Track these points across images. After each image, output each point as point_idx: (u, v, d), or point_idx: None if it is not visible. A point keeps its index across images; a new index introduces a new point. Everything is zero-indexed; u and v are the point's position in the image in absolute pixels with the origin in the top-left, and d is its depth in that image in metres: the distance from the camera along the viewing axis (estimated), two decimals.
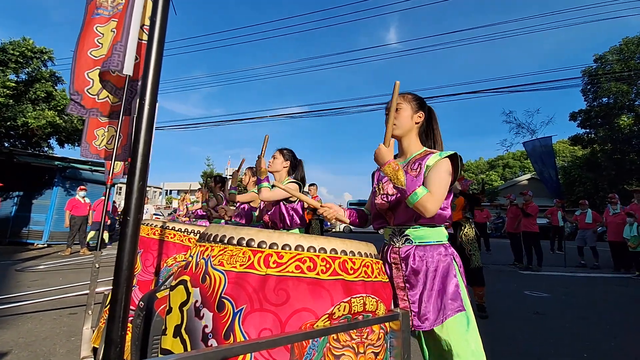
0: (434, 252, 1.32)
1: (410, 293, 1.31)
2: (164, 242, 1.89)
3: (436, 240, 1.35)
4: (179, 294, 0.95)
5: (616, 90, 19.90)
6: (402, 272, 1.34)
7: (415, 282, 1.30)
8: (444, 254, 1.32)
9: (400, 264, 1.36)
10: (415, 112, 1.46)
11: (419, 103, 1.49)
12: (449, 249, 1.35)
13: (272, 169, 2.64)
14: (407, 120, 1.45)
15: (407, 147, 1.49)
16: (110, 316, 0.58)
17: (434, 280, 1.28)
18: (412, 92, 1.53)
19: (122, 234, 0.61)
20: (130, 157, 0.65)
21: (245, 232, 0.95)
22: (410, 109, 1.46)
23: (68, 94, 12.81)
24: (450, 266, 1.31)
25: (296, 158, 2.70)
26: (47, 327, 3.08)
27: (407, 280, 1.32)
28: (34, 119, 11.56)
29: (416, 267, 1.31)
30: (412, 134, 1.48)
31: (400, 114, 1.45)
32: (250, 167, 3.95)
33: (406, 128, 1.46)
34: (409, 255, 1.33)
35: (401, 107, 1.46)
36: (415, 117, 1.46)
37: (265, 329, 0.82)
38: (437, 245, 1.34)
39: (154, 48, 0.68)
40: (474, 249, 3.77)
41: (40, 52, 12.41)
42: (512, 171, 42.09)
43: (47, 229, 9.72)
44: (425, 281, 1.28)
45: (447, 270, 1.29)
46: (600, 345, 2.98)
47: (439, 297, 1.26)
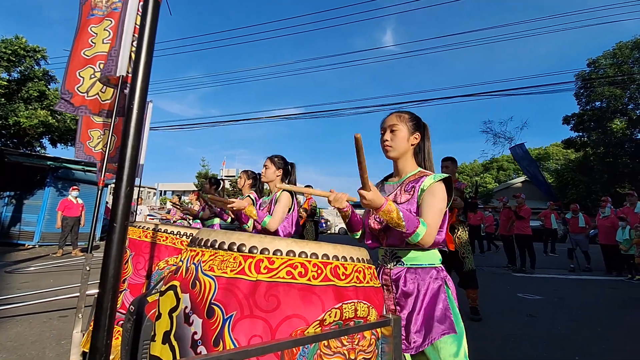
0: (426, 275, 1.31)
1: (400, 315, 1.30)
2: (156, 244, 1.87)
3: (428, 263, 1.34)
4: (168, 299, 0.94)
5: (609, 94, 20.17)
6: (393, 294, 1.34)
7: (405, 304, 1.30)
8: (435, 277, 1.31)
9: (391, 286, 1.35)
10: (412, 133, 1.44)
11: (416, 124, 1.46)
12: (440, 272, 1.34)
13: (266, 179, 2.63)
14: (404, 142, 1.43)
15: (403, 168, 1.47)
16: (96, 324, 0.57)
17: (423, 303, 1.27)
18: (408, 111, 1.49)
19: (108, 240, 0.60)
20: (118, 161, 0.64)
21: (236, 237, 0.94)
22: (407, 130, 1.43)
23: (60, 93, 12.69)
24: (441, 289, 1.29)
25: (287, 163, 2.68)
26: (37, 330, 3.04)
27: (398, 303, 1.32)
28: (26, 118, 11.43)
29: (406, 290, 1.30)
30: (408, 155, 1.46)
31: (397, 136, 1.43)
32: (246, 171, 3.93)
33: (402, 150, 1.44)
34: (400, 277, 1.33)
35: (397, 128, 1.43)
36: (411, 138, 1.44)
37: (256, 335, 0.81)
38: (429, 268, 1.33)
39: (144, 51, 0.67)
40: (467, 252, 3.78)
41: (33, 51, 12.29)
42: (506, 174, 42.40)
43: (39, 230, 9.60)
44: (415, 304, 1.27)
45: (438, 293, 1.28)
46: (592, 348, 3.00)
47: (426, 320, 1.25)
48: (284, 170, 2.64)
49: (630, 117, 20.46)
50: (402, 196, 1.38)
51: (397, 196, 1.40)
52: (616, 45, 20.36)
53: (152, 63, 0.70)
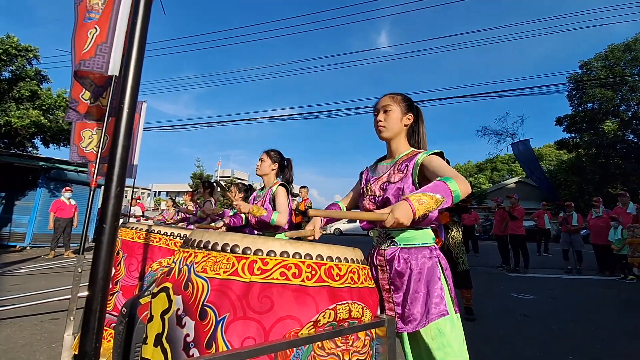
0: (419, 255, 1.31)
1: (394, 295, 1.31)
2: (149, 246, 1.85)
3: (421, 243, 1.34)
4: (160, 301, 0.93)
5: (601, 96, 20.40)
6: (387, 274, 1.34)
7: (400, 284, 1.30)
8: (429, 256, 1.32)
9: (385, 266, 1.35)
10: (405, 113, 1.46)
11: (408, 104, 1.48)
12: (434, 251, 1.34)
13: (261, 172, 2.61)
14: (397, 122, 1.45)
15: (396, 148, 1.48)
16: (85, 327, 0.56)
17: (419, 283, 1.27)
18: (401, 93, 1.51)
19: (97, 241, 0.59)
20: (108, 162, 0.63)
21: (229, 238, 0.93)
22: (400, 110, 1.45)
23: (55, 95, 12.56)
24: (435, 269, 1.30)
25: (284, 158, 2.68)
26: (27, 333, 2.99)
27: (392, 283, 1.32)
28: (17, 118, 11.29)
29: (400, 270, 1.30)
30: (401, 136, 1.48)
31: (390, 116, 1.44)
32: (237, 183, 3.95)
33: (395, 130, 1.45)
34: (394, 257, 1.33)
35: (390, 109, 1.45)
36: (404, 119, 1.46)
37: (249, 337, 0.80)
38: (422, 248, 1.33)
39: (134, 49, 0.66)
40: (461, 252, 3.80)
41: (25, 50, 12.13)
42: (500, 174, 42.72)
43: (30, 231, 9.47)
44: (409, 284, 1.28)
45: (432, 273, 1.29)
46: (586, 347, 3.03)
47: (423, 300, 1.25)
48: (280, 165, 2.63)
49: (622, 118, 20.72)
50: (396, 175, 1.39)
51: (391, 175, 1.41)
52: (608, 47, 20.61)
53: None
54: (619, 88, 20.23)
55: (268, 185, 2.60)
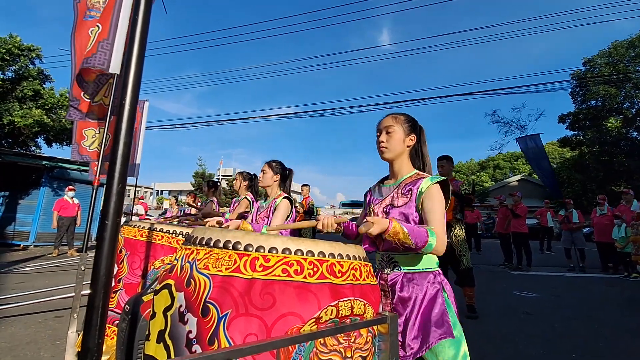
0: (423, 280, 1.31)
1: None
2: (152, 244, 1.86)
3: (425, 268, 1.33)
4: (163, 298, 0.93)
5: (604, 93, 20.24)
6: (390, 299, 1.33)
7: (402, 310, 1.29)
8: (432, 282, 1.31)
9: (387, 291, 1.34)
10: (407, 135, 1.44)
11: (411, 125, 1.46)
12: (437, 277, 1.33)
13: (263, 184, 2.60)
14: (399, 144, 1.43)
15: (399, 169, 1.47)
16: (87, 324, 0.56)
17: (420, 309, 1.26)
18: (404, 113, 1.49)
19: (100, 238, 0.59)
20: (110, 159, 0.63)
21: (231, 235, 0.94)
22: (403, 132, 1.44)
23: (57, 94, 12.61)
24: (438, 293, 1.29)
25: (285, 169, 2.66)
26: (32, 331, 3.02)
27: (394, 309, 1.31)
28: (20, 117, 11.32)
29: (403, 295, 1.30)
30: (404, 157, 1.46)
31: (392, 137, 1.43)
32: (241, 172, 3.93)
33: (397, 151, 1.44)
34: (396, 282, 1.32)
35: (393, 130, 1.43)
36: (407, 140, 1.44)
37: (251, 334, 0.80)
38: (426, 273, 1.32)
39: (136, 46, 0.66)
40: (464, 250, 3.79)
41: (28, 50, 12.15)
42: (502, 172, 42.56)
43: (34, 230, 9.53)
44: (412, 310, 1.27)
45: (434, 298, 1.27)
46: (589, 345, 3.02)
47: (422, 326, 1.24)
48: (282, 176, 2.62)
49: (626, 115, 20.57)
50: (400, 199, 1.38)
51: (395, 199, 1.40)
52: (611, 44, 20.44)
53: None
54: (623, 85, 20.07)
55: (272, 196, 2.59)
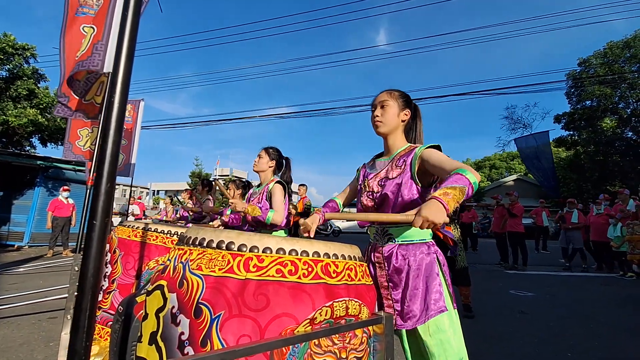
0: (417, 251, 1.31)
1: (393, 292, 1.30)
2: (146, 244, 1.84)
3: (419, 239, 1.34)
4: (155, 299, 0.92)
5: (600, 93, 20.37)
6: (385, 271, 1.34)
7: (398, 281, 1.30)
8: (427, 252, 1.31)
9: (383, 263, 1.35)
10: (402, 109, 1.46)
11: (406, 100, 1.48)
12: (432, 247, 1.34)
13: (257, 168, 2.59)
14: (394, 118, 1.44)
15: (393, 144, 1.48)
16: (74, 325, 0.55)
17: (417, 279, 1.27)
18: (398, 89, 1.51)
19: (88, 238, 0.58)
20: (98, 158, 0.62)
21: (225, 235, 0.92)
22: (397, 106, 1.45)
23: (53, 95, 12.51)
24: (434, 264, 1.29)
25: (282, 157, 2.66)
26: (25, 332, 2.98)
27: (390, 279, 1.32)
28: (15, 117, 11.22)
29: (398, 266, 1.30)
30: (398, 131, 1.48)
31: (387, 111, 1.44)
32: (234, 180, 3.94)
33: (392, 125, 1.45)
34: (392, 254, 1.33)
35: (387, 104, 1.45)
36: (401, 114, 1.46)
37: (244, 335, 0.79)
38: (420, 244, 1.33)
39: (125, 43, 0.65)
40: (460, 250, 3.80)
41: (22, 49, 12.05)
42: (498, 172, 42.73)
43: (29, 230, 9.45)
44: (407, 280, 1.27)
45: (430, 269, 1.28)
46: (584, 344, 3.03)
47: (422, 297, 1.25)
48: (278, 163, 2.61)
49: (621, 115, 20.71)
50: (394, 171, 1.38)
51: (389, 171, 1.40)
52: (607, 44, 20.57)
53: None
54: (618, 85, 20.20)
55: (265, 182, 2.58)
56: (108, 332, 1.76)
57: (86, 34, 2.66)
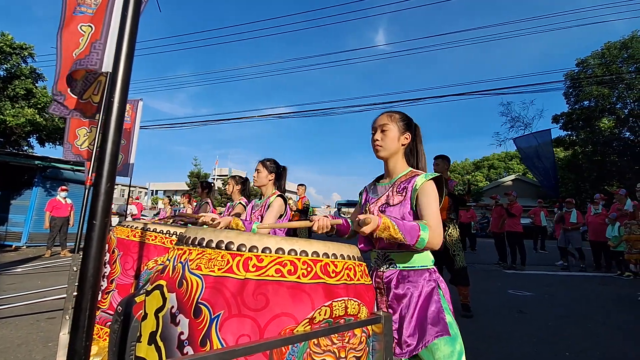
0: (419, 278, 1.31)
1: (392, 319, 1.30)
2: (145, 244, 1.84)
3: (420, 265, 1.33)
4: (154, 299, 0.92)
5: (597, 93, 20.44)
6: (385, 297, 1.33)
7: (398, 307, 1.29)
8: (428, 279, 1.31)
9: (383, 289, 1.34)
10: (402, 133, 1.44)
11: (406, 123, 1.46)
12: (433, 274, 1.33)
13: (258, 183, 2.58)
14: (394, 142, 1.43)
15: (393, 168, 1.47)
16: (74, 326, 0.55)
17: (416, 307, 1.26)
18: (399, 111, 1.49)
19: (87, 238, 0.58)
20: (98, 158, 0.62)
21: (224, 235, 0.92)
22: (397, 130, 1.43)
23: (50, 93, 12.47)
24: (434, 291, 1.29)
25: (279, 167, 2.65)
26: (23, 333, 2.98)
27: (390, 306, 1.31)
28: (12, 116, 11.17)
29: (398, 292, 1.29)
30: (399, 155, 1.46)
31: (387, 135, 1.43)
32: (234, 176, 3.91)
33: (392, 150, 1.44)
34: (392, 279, 1.32)
35: (387, 128, 1.43)
36: (402, 138, 1.44)
37: (244, 335, 0.79)
38: (422, 271, 1.32)
39: (125, 42, 0.65)
40: (458, 249, 3.81)
41: (20, 48, 12.00)
42: (497, 172, 42.83)
43: (26, 231, 9.42)
44: (408, 307, 1.27)
45: (430, 296, 1.27)
46: (582, 344, 3.04)
47: (419, 323, 1.24)
48: (276, 174, 2.61)
49: (618, 116, 20.79)
50: (395, 197, 1.38)
51: (390, 197, 1.40)
52: (604, 45, 20.64)
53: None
54: (616, 86, 20.28)
55: (266, 195, 2.58)
56: (107, 333, 1.75)
57: (84, 33, 2.66)
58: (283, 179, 2.64)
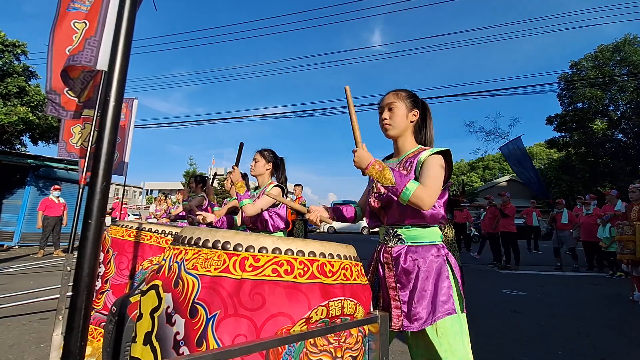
0: (427, 253, 1.30)
1: (401, 293, 1.29)
2: (139, 244, 1.82)
3: (429, 241, 1.33)
4: (150, 299, 0.91)
5: (590, 95, 20.67)
6: (394, 271, 1.33)
7: (407, 282, 1.29)
8: (436, 255, 1.31)
9: (391, 264, 1.34)
10: (410, 110, 1.43)
11: (413, 100, 1.45)
12: (442, 250, 1.33)
13: (255, 172, 2.58)
14: (402, 120, 1.42)
15: (402, 146, 1.46)
16: (69, 326, 0.54)
17: (426, 281, 1.26)
18: (405, 89, 1.48)
19: (83, 238, 0.57)
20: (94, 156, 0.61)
21: (221, 235, 0.92)
22: (405, 107, 1.42)
23: (44, 92, 12.35)
24: (443, 267, 1.29)
25: (277, 157, 2.65)
26: (15, 334, 2.94)
27: (398, 280, 1.31)
28: (5, 115, 11.04)
29: (407, 267, 1.29)
30: (408, 133, 1.45)
31: (395, 114, 1.41)
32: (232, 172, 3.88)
33: (402, 128, 1.42)
34: (400, 255, 1.32)
35: (395, 106, 1.42)
36: (410, 115, 1.43)
37: (240, 335, 0.79)
38: (430, 246, 1.32)
39: (121, 40, 0.64)
40: (454, 250, 3.83)
41: (13, 45, 11.87)
42: (491, 173, 43.14)
43: (19, 230, 9.32)
44: (416, 281, 1.26)
45: (440, 271, 1.28)
46: (575, 343, 3.07)
47: (430, 298, 1.24)
48: (274, 164, 2.61)
49: (611, 118, 21.04)
50: (397, 172, 1.38)
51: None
52: (597, 48, 20.89)
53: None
54: (608, 88, 20.53)
55: (262, 185, 2.58)
56: (101, 333, 1.74)
57: (77, 30, 2.63)
58: (281, 170, 2.64)
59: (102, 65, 2.07)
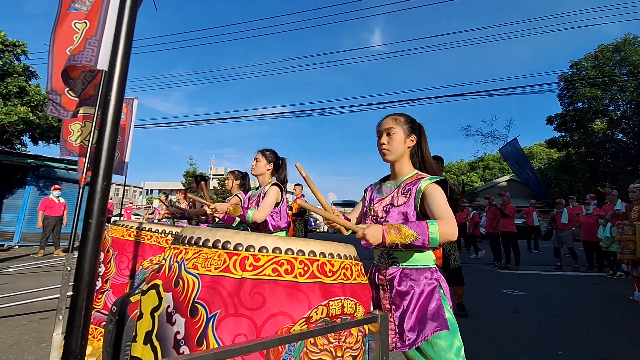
0: (420, 276, 1.33)
1: (395, 315, 1.32)
2: (140, 243, 1.83)
3: (423, 264, 1.35)
4: (150, 298, 0.92)
5: (591, 95, 20.67)
6: (388, 293, 1.35)
7: (400, 303, 1.32)
8: (430, 278, 1.33)
9: (386, 286, 1.37)
10: (408, 136, 1.46)
11: (411, 126, 1.48)
12: (434, 273, 1.35)
13: (256, 172, 2.59)
14: (400, 145, 1.45)
15: (400, 170, 1.49)
16: (69, 325, 0.55)
17: (417, 303, 1.28)
18: (403, 114, 1.51)
19: (83, 237, 0.57)
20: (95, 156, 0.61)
21: (221, 234, 0.92)
22: (403, 132, 1.45)
23: (44, 92, 12.34)
24: (435, 289, 1.31)
25: (278, 158, 2.66)
26: (15, 333, 2.94)
27: (393, 302, 1.34)
28: (5, 114, 11.03)
29: (401, 289, 1.32)
30: (405, 158, 1.48)
31: (393, 139, 1.45)
32: (233, 171, 3.89)
33: (399, 153, 1.45)
34: (395, 277, 1.34)
35: (393, 132, 1.45)
36: (407, 141, 1.46)
37: (240, 334, 0.79)
38: (424, 269, 1.34)
39: (122, 39, 0.64)
40: (453, 249, 3.83)
41: (13, 45, 11.86)
42: (491, 172, 43.16)
43: (19, 230, 9.32)
44: (409, 304, 1.29)
45: (432, 293, 1.30)
46: (575, 342, 3.07)
47: (419, 318, 1.26)
48: (275, 165, 2.62)
49: (611, 117, 21.04)
50: (399, 199, 1.40)
51: (395, 198, 1.41)
52: (598, 48, 20.88)
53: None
54: (608, 88, 20.53)
55: (263, 184, 2.59)
56: (101, 332, 1.74)
57: (78, 30, 2.63)
58: (282, 170, 2.65)
59: (102, 65, 2.07)
